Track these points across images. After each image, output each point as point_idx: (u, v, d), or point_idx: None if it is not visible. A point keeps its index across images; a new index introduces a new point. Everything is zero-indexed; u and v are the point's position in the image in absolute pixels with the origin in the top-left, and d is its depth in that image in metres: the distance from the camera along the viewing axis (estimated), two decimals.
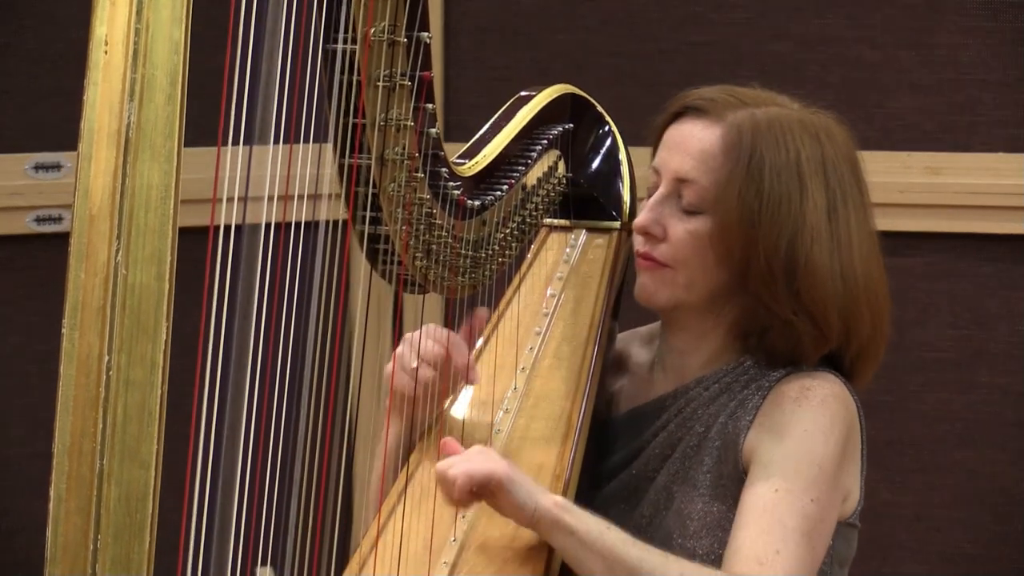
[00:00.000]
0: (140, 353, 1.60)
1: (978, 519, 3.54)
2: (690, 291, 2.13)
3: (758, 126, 2.09)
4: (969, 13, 3.45)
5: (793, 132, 2.10)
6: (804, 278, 2.07)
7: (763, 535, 1.98)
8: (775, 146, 2.08)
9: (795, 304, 2.08)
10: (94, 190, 1.59)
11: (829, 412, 2.06)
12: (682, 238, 2.11)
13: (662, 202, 2.13)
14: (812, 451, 2.03)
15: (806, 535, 1.99)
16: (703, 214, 2.11)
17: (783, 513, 1.99)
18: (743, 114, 2.11)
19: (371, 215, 2.04)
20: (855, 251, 2.10)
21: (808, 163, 2.09)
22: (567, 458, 2.13)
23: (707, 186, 2.10)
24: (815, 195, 2.08)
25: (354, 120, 1.97)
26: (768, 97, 2.15)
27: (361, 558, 2.06)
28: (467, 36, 3.64)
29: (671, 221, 2.12)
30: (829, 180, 2.09)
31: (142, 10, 1.59)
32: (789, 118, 2.12)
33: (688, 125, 2.14)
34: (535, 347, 2.32)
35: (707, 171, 2.10)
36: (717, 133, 2.10)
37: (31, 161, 3.53)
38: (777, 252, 2.06)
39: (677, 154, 2.13)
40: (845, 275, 2.09)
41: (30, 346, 3.57)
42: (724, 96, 2.14)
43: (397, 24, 1.95)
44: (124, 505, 1.59)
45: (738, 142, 2.08)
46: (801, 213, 2.07)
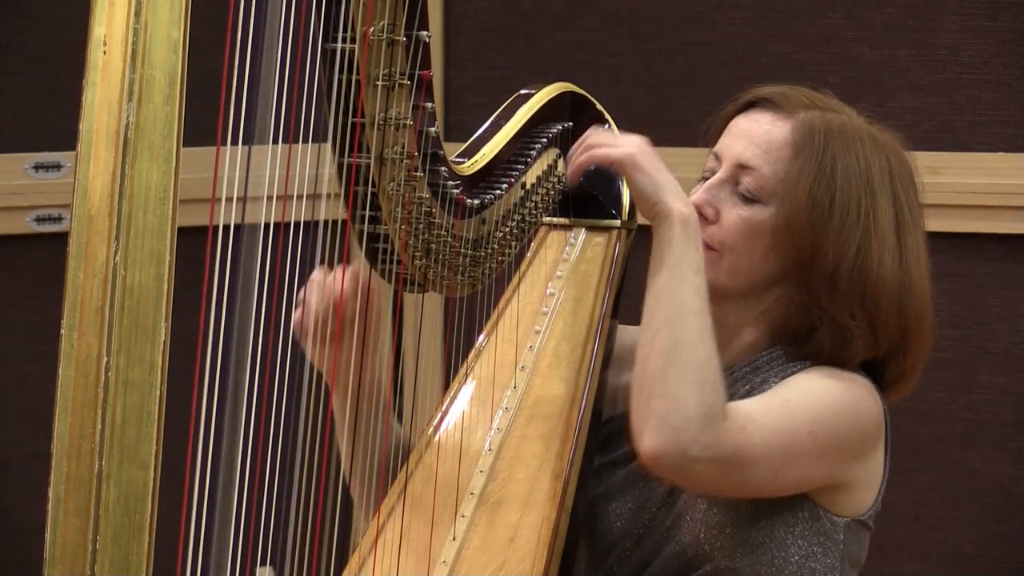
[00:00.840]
0: (139, 354, 1.60)
1: (978, 519, 3.54)
2: (732, 277, 2.13)
3: (830, 128, 2.10)
4: (969, 13, 3.45)
5: (863, 141, 2.10)
6: (872, 284, 2.07)
7: (754, 406, 2.00)
8: (846, 150, 2.09)
9: (857, 308, 2.07)
10: (93, 190, 1.59)
11: (856, 393, 2.07)
12: (735, 223, 2.11)
13: (720, 185, 2.14)
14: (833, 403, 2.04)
15: (786, 446, 1.99)
16: (760, 203, 2.11)
17: (781, 416, 2.00)
18: (815, 114, 2.12)
19: (370, 214, 2.04)
20: (921, 266, 2.11)
21: (878, 173, 2.09)
22: (567, 457, 2.13)
23: (768, 176, 2.10)
24: (884, 204, 2.08)
25: (353, 119, 1.96)
26: (838, 105, 2.16)
27: (360, 557, 2.06)
28: (467, 36, 3.64)
29: (725, 205, 2.12)
30: (897, 192, 2.10)
31: (140, 10, 1.59)
32: (859, 127, 2.12)
33: (757, 115, 2.14)
34: (535, 346, 2.32)
35: (771, 161, 2.10)
36: (787, 127, 2.11)
37: (31, 161, 3.53)
38: (847, 254, 2.06)
39: (742, 141, 2.13)
40: (912, 288, 2.09)
41: (30, 346, 3.57)
42: (796, 94, 2.15)
43: (396, 23, 1.95)
44: (123, 506, 1.59)
45: (810, 140, 2.09)
46: (874, 219, 2.07)
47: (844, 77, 3.50)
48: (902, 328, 2.10)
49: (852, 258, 2.06)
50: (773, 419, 2.00)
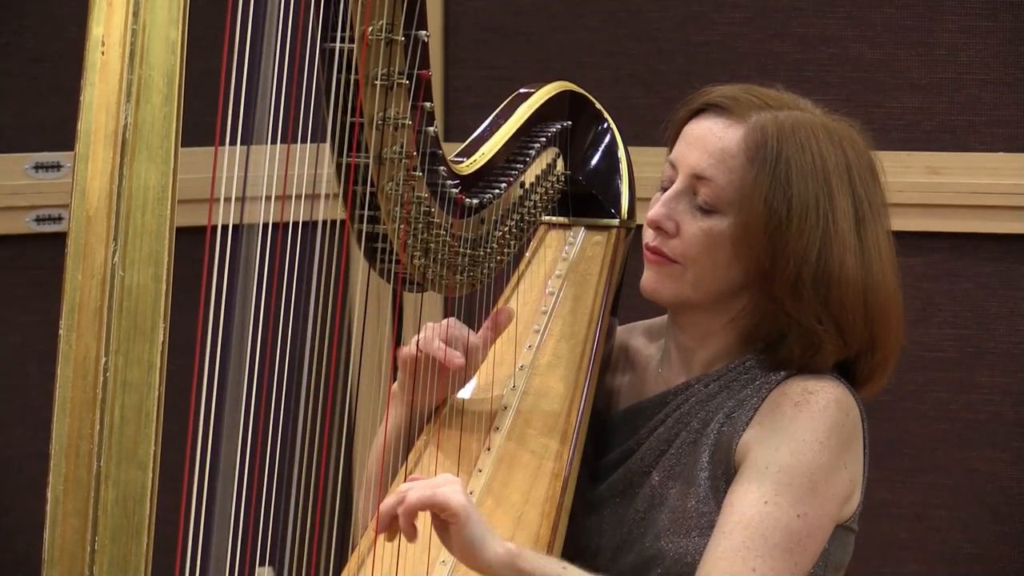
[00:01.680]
0: (137, 354, 1.60)
1: (978, 519, 3.54)
2: (697, 289, 2.12)
3: (783, 129, 2.07)
4: (969, 12, 3.45)
5: (818, 137, 2.07)
6: (835, 287, 2.05)
7: (743, 549, 1.96)
8: (800, 151, 2.06)
9: (823, 312, 2.06)
10: (91, 191, 1.59)
11: (829, 419, 2.04)
12: (695, 235, 2.09)
13: (677, 197, 2.11)
14: (806, 462, 2.01)
15: (788, 551, 1.97)
16: (719, 213, 2.08)
17: (767, 528, 1.97)
18: (766, 116, 2.08)
19: (369, 214, 2.04)
20: (884, 260, 2.09)
21: (835, 170, 2.06)
22: (566, 457, 2.13)
23: (724, 186, 2.08)
24: (843, 202, 2.06)
25: (352, 119, 1.96)
26: (790, 100, 2.13)
27: (360, 557, 2.06)
28: (467, 36, 3.64)
29: (684, 217, 2.10)
30: (855, 188, 2.07)
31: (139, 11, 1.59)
32: (813, 123, 2.09)
33: (709, 122, 2.11)
34: (534, 345, 2.32)
35: (726, 171, 2.08)
36: (739, 133, 2.08)
37: (31, 161, 3.53)
38: (808, 260, 2.04)
39: (696, 150, 2.10)
40: (876, 285, 2.07)
41: (30, 346, 3.57)
42: (747, 96, 2.11)
43: (395, 23, 1.95)
44: (122, 506, 1.59)
45: (763, 145, 2.06)
46: (833, 220, 2.05)
47: (844, 77, 3.50)
48: (869, 326, 2.08)
49: (813, 264, 2.04)
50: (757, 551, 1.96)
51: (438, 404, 2.23)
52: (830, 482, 2.02)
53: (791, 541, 1.98)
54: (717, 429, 2.09)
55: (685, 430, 2.12)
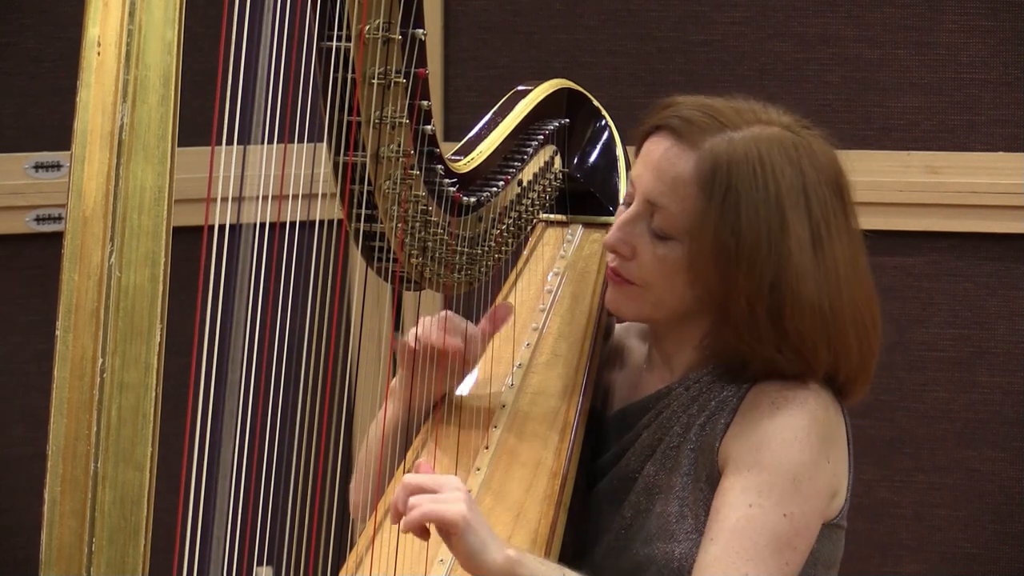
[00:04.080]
0: (134, 355, 1.59)
1: (978, 519, 3.54)
2: (658, 309, 2.12)
3: (734, 156, 2.03)
4: (969, 12, 3.44)
5: (773, 160, 2.03)
6: (791, 317, 2.02)
7: (732, 554, 1.96)
8: (752, 179, 2.02)
9: (780, 342, 2.04)
10: (87, 192, 1.59)
11: (807, 417, 2.03)
12: (650, 261, 2.08)
13: (633, 221, 2.09)
14: (787, 462, 2.00)
15: (777, 552, 1.97)
16: (673, 240, 2.06)
17: (755, 531, 1.97)
18: (720, 141, 2.04)
19: (366, 213, 2.04)
20: (842, 280, 2.05)
21: (789, 194, 2.02)
22: (564, 455, 2.13)
23: (677, 214, 2.05)
24: (797, 229, 2.02)
25: (349, 118, 1.96)
26: (751, 113, 2.08)
27: (358, 556, 2.06)
28: (467, 35, 3.64)
29: (640, 242, 2.09)
30: (812, 210, 2.03)
31: (135, 11, 1.58)
32: (769, 142, 2.04)
33: (664, 145, 2.07)
34: (532, 343, 2.32)
35: (678, 199, 2.05)
36: (692, 161, 2.04)
37: (31, 161, 3.53)
38: (760, 293, 2.02)
39: (651, 175, 2.07)
40: (833, 307, 2.04)
41: (30, 345, 3.57)
42: (702, 117, 2.06)
43: (392, 21, 1.95)
44: (119, 508, 1.59)
45: (713, 176, 2.02)
46: (784, 251, 2.01)
47: (844, 77, 3.50)
48: (832, 348, 2.05)
49: (767, 297, 2.02)
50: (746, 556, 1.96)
51: (436, 399, 2.23)
52: (814, 479, 2.02)
53: (779, 542, 1.98)
54: (698, 433, 2.08)
55: (668, 434, 2.11)
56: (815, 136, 2.10)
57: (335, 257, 1.97)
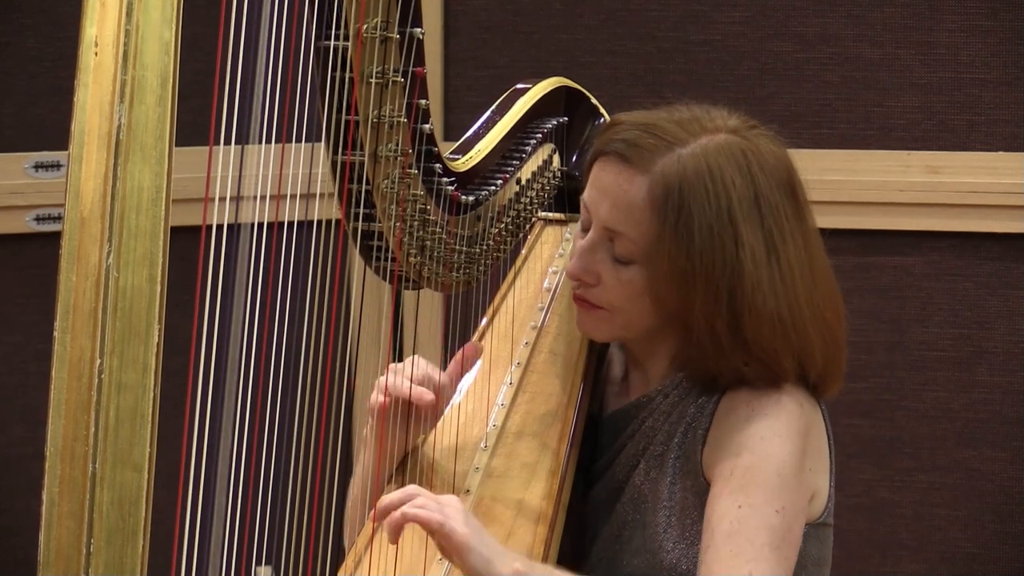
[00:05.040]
0: (132, 356, 1.59)
1: (978, 518, 3.54)
2: (628, 329, 2.13)
3: (685, 177, 2.02)
4: (968, 12, 3.44)
5: (722, 172, 2.03)
6: (750, 328, 2.03)
7: (733, 557, 1.95)
8: (704, 197, 2.02)
9: (745, 354, 2.04)
10: (85, 192, 1.59)
11: (784, 414, 2.03)
12: (615, 286, 2.08)
13: (593, 249, 2.09)
14: (771, 459, 2.00)
15: (776, 548, 1.97)
16: (635, 264, 2.07)
17: (750, 530, 1.97)
18: (669, 162, 2.04)
19: (365, 212, 2.04)
20: (799, 285, 2.05)
21: (741, 206, 2.02)
22: (562, 455, 2.13)
23: (636, 238, 2.05)
24: (750, 240, 2.02)
25: (347, 117, 1.96)
26: (697, 124, 2.07)
27: (357, 556, 2.06)
28: (466, 34, 3.63)
29: (603, 267, 2.09)
30: (764, 218, 2.03)
31: (132, 12, 1.58)
32: (717, 154, 2.04)
33: (615, 170, 2.07)
34: (530, 342, 2.32)
35: (635, 224, 2.05)
36: (644, 188, 2.04)
37: (31, 160, 3.53)
38: (718, 310, 2.02)
39: (606, 203, 2.07)
40: (792, 313, 2.04)
41: (30, 345, 3.57)
42: (647, 139, 2.05)
43: (390, 20, 1.95)
44: (117, 509, 1.59)
45: (665, 200, 2.02)
46: (738, 264, 2.01)
47: (844, 77, 3.50)
48: (795, 353, 2.05)
49: (725, 314, 2.02)
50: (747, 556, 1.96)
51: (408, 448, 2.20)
52: (797, 473, 2.02)
53: (776, 537, 1.97)
54: (680, 441, 2.08)
55: (652, 443, 2.11)
56: (763, 136, 2.09)
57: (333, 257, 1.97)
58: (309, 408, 2.02)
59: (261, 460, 1.89)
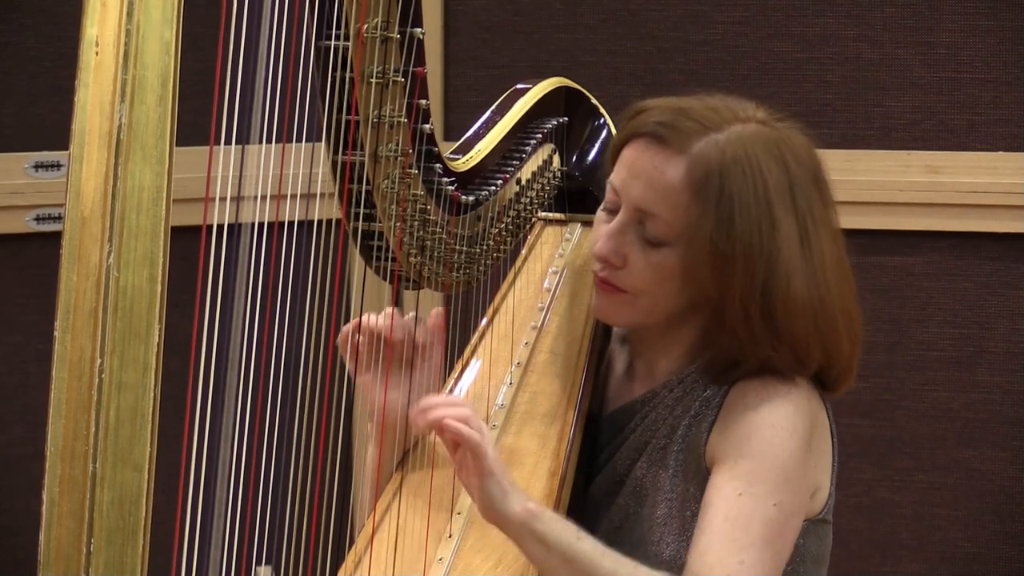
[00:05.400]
0: (132, 356, 1.59)
1: (978, 518, 3.54)
2: (650, 315, 2.11)
3: (724, 162, 2.02)
4: (969, 12, 3.44)
5: (759, 159, 2.03)
6: (783, 315, 2.03)
7: (727, 543, 1.95)
8: (743, 180, 2.02)
9: (775, 341, 2.04)
10: (85, 192, 1.59)
11: (791, 407, 2.03)
12: (644, 269, 2.08)
13: (623, 230, 2.08)
14: (775, 452, 2.00)
15: (769, 541, 1.97)
16: (667, 246, 2.06)
17: (747, 520, 1.97)
18: (708, 145, 2.04)
19: (365, 212, 2.04)
20: (829, 275, 2.06)
21: (777, 192, 2.03)
22: (562, 454, 2.13)
23: (671, 220, 2.04)
24: (786, 225, 2.02)
25: (347, 117, 1.96)
26: (730, 112, 2.08)
27: (357, 555, 2.06)
28: (466, 34, 3.63)
29: (632, 250, 2.08)
30: (798, 205, 2.04)
31: (133, 11, 1.58)
32: (753, 141, 2.04)
33: (651, 152, 2.06)
34: (530, 342, 2.32)
35: (671, 206, 2.04)
36: (682, 168, 2.04)
37: (31, 160, 3.53)
38: (753, 293, 2.02)
39: (639, 183, 2.07)
40: (823, 302, 2.05)
41: (30, 345, 3.57)
42: (685, 122, 2.05)
43: (390, 20, 1.95)
44: (117, 508, 1.59)
45: (706, 180, 2.02)
46: (775, 248, 2.02)
47: (844, 76, 3.50)
48: (823, 344, 2.06)
49: (759, 298, 2.02)
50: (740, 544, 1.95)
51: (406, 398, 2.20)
52: (801, 470, 2.02)
53: (771, 531, 1.97)
54: (684, 434, 2.08)
55: (655, 436, 2.11)
56: (792, 129, 2.10)
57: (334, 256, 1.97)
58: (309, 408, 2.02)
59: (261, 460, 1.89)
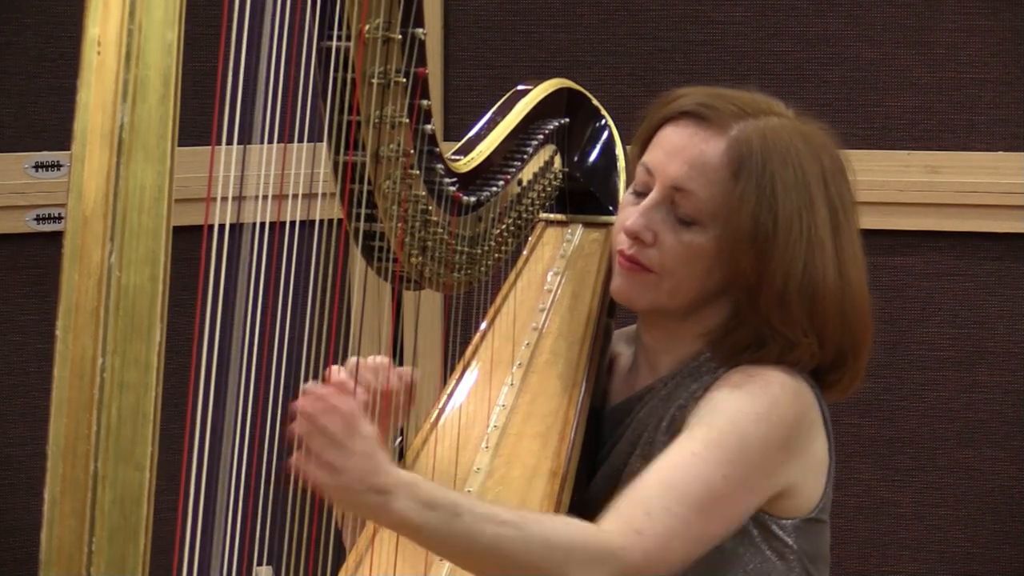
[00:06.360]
0: (134, 355, 1.59)
1: (978, 518, 3.54)
2: (673, 298, 2.10)
3: (765, 142, 2.04)
4: (968, 11, 3.44)
5: (797, 147, 2.05)
6: (819, 299, 2.03)
7: (663, 487, 1.90)
8: (783, 165, 2.04)
9: (807, 324, 2.04)
10: (87, 191, 1.59)
11: (771, 396, 2.00)
12: (674, 247, 2.07)
13: (655, 207, 2.08)
14: (740, 428, 1.96)
15: (703, 509, 1.90)
16: (699, 225, 2.06)
17: (690, 476, 1.91)
18: (748, 127, 2.06)
19: (366, 212, 2.03)
20: (859, 266, 2.07)
21: (814, 180, 2.05)
22: (563, 455, 2.13)
23: (706, 199, 2.05)
24: (822, 212, 2.04)
25: (349, 117, 1.96)
26: (764, 103, 2.10)
27: (358, 556, 2.06)
28: (467, 35, 3.64)
29: (663, 228, 2.08)
30: (831, 196, 2.06)
31: (135, 11, 1.58)
32: (791, 131, 2.07)
33: (689, 131, 2.08)
34: (531, 343, 2.32)
35: (708, 184, 2.05)
36: (721, 146, 2.05)
37: (31, 160, 3.53)
38: (793, 273, 2.02)
39: (676, 161, 2.07)
40: (852, 293, 2.06)
41: (30, 345, 3.57)
42: (725, 104, 2.07)
43: (392, 21, 1.95)
44: (119, 507, 1.58)
45: (748, 158, 2.03)
46: (815, 232, 2.03)
47: (844, 76, 3.50)
48: (846, 335, 2.06)
49: (799, 277, 2.02)
50: (674, 495, 1.90)
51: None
52: (764, 457, 1.98)
53: (710, 498, 1.91)
54: (668, 423, 2.07)
55: (647, 429, 2.11)
56: (818, 126, 2.12)
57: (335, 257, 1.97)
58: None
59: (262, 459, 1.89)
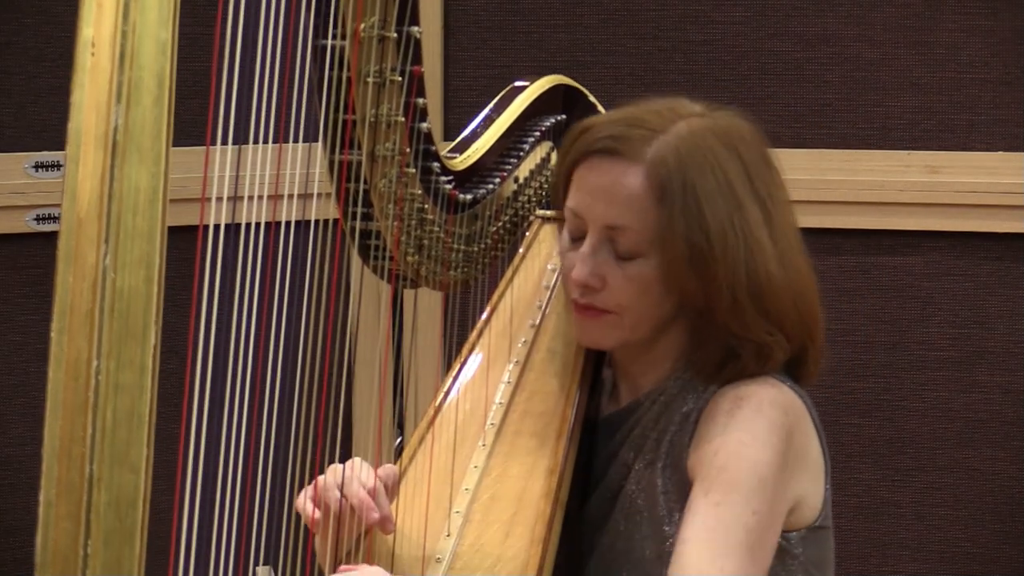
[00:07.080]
0: (129, 357, 1.59)
1: (978, 518, 3.54)
2: (636, 330, 2.11)
3: (681, 160, 2.03)
4: (968, 11, 3.44)
5: (713, 150, 2.04)
6: (769, 297, 2.04)
7: (706, 551, 1.92)
8: (701, 172, 2.02)
9: (767, 324, 2.05)
10: (81, 193, 1.58)
11: (765, 419, 2.01)
12: (624, 285, 2.07)
13: (595, 251, 2.08)
14: (749, 461, 1.98)
15: (749, 549, 1.94)
16: (641, 257, 2.06)
17: (726, 528, 1.94)
18: (661, 146, 2.04)
19: (362, 211, 2.03)
20: (795, 251, 2.08)
21: (737, 179, 2.04)
22: (560, 452, 2.13)
23: (640, 230, 2.05)
24: (752, 210, 2.03)
25: (344, 116, 1.96)
26: (669, 111, 2.08)
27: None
28: (466, 34, 3.63)
29: (608, 269, 2.08)
30: (757, 189, 2.05)
31: (129, 12, 1.58)
32: (702, 134, 2.05)
33: (605, 167, 2.06)
34: (528, 340, 2.32)
35: (638, 215, 2.04)
36: (640, 175, 2.04)
37: (31, 160, 3.53)
38: (739, 281, 2.02)
39: (601, 201, 2.07)
40: (794, 279, 2.06)
41: (30, 345, 3.57)
42: (632, 130, 2.06)
43: (387, 19, 1.95)
44: (114, 510, 1.58)
45: (668, 180, 2.02)
46: (750, 233, 2.03)
47: (844, 76, 3.50)
48: (804, 320, 2.08)
49: (744, 282, 2.02)
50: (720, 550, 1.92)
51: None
52: (776, 478, 1.99)
53: (751, 538, 1.94)
54: (668, 449, 2.08)
55: (641, 451, 2.11)
56: (733, 116, 2.11)
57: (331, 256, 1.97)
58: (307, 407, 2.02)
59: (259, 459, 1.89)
